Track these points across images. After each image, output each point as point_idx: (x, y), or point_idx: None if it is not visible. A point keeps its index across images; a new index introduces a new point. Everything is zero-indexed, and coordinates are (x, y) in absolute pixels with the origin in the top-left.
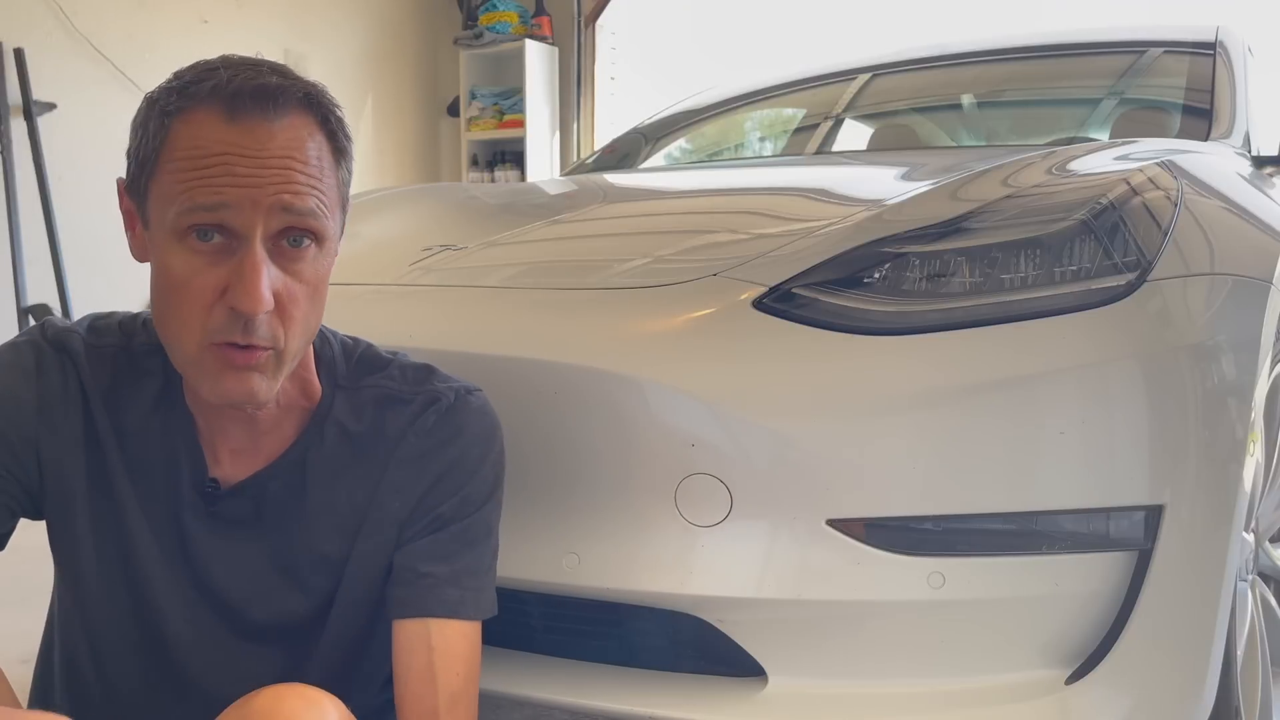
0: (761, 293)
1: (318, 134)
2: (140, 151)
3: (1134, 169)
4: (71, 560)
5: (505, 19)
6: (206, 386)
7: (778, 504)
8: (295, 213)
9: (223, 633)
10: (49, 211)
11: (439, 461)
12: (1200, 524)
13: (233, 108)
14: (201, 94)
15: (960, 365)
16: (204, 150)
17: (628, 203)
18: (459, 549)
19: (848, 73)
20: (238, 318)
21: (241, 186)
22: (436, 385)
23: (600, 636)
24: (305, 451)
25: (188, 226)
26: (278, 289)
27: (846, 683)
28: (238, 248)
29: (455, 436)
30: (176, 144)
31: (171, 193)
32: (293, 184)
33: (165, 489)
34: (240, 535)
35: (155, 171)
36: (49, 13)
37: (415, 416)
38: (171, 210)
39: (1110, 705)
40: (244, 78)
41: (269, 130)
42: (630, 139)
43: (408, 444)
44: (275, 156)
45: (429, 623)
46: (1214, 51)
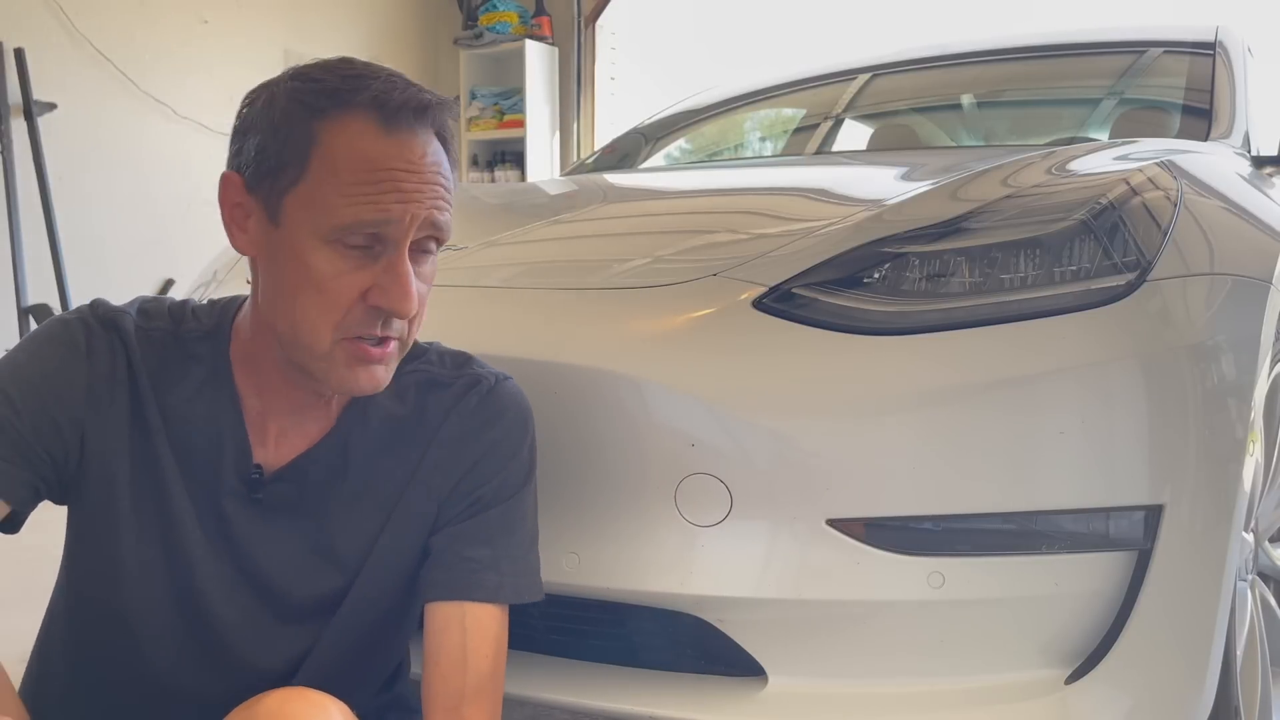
0: (761, 293)
1: (441, 147)
2: (279, 151)
3: (1134, 169)
4: (107, 542)
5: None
6: (336, 378)
7: (778, 504)
8: (438, 227)
9: (262, 613)
10: (49, 211)
11: (480, 443)
12: (1200, 524)
13: (393, 121)
14: (359, 102)
15: (960, 365)
16: (369, 164)
17: (628, 203)
18: (499, 533)
19: (848, 73)
20: (377, 315)
21: (405, 203)
22: (476, 370)
23: (600, 636)
24: (348, 434)
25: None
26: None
27: (846, 683)
28: (382, 252)
29: (496, 419)
30: (333, 150)
31: (331, 202)
32: (440, 199)
33: (208, 473)
34: (281, 519)
35: (303, 174)
36: (49, 13)
37: (457, 399)
38: (328, 220)
39: (1110, 705)
40: (403, 92)
41: (420, 145)
42: (630, 139)
43: (450, 424)
44: (428, 171)
45: (465, 606)
46: (1214, 51)
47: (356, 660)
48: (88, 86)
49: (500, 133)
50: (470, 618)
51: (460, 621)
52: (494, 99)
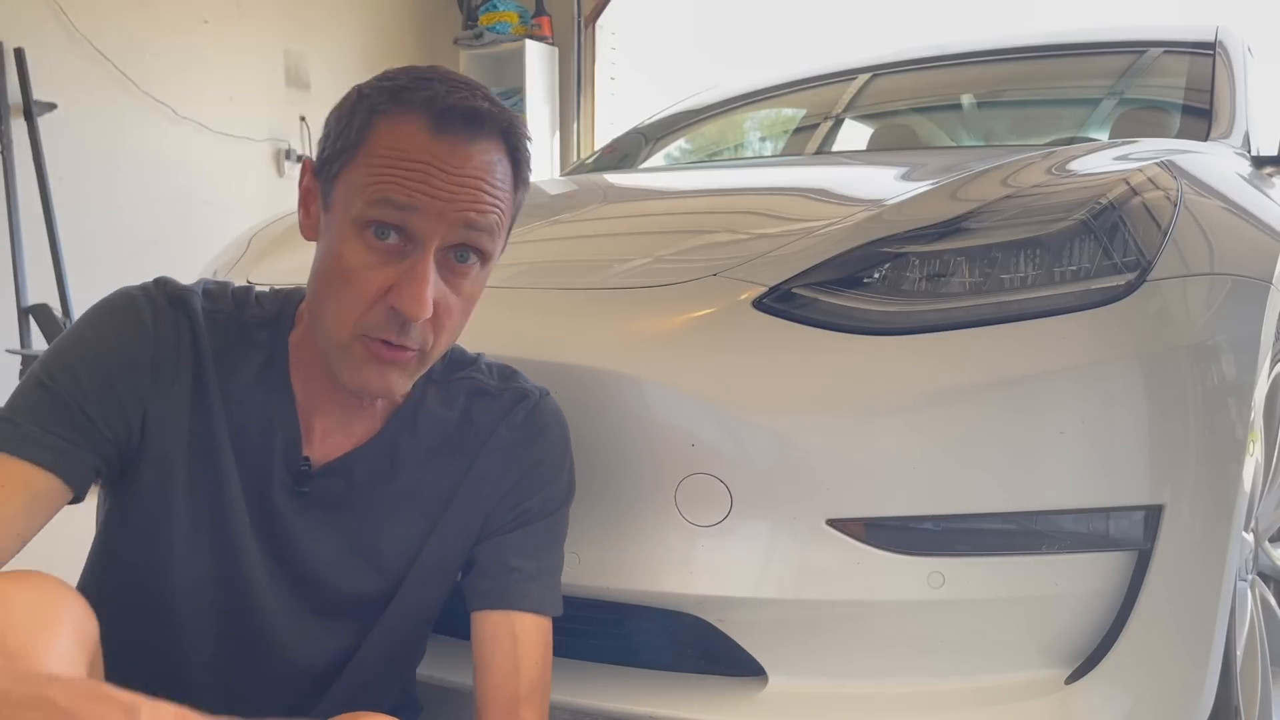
0: (761, 293)
1: (506, 161)
2: (340, 139)
3: (1134, 169)
4: (159, 522)
5: (505, 19)
6: (348, 373)
7: (778, 504)
8: (476, 229)
9: (302, 606)
10: (49, 211)
11: (527, 456)
12: (1200, 524)
13: (441, 122)
14: (414, 101)
15: (960, 365)
16: (406, 154)
17: (628, 203)
18: (542, 546)
19: (848, 73)
20: (396, 317)
21: (435, 197)
22: (523, 384)
23: (600, 636)
24: (396, 437)
25: (370, 220)
26: (438, 298)
27: (846, 683)
28: (410, 252)
29: (541, 433)
30: (379, 141)
31: (364, 183)
32: (480, 203)
33: (260, 462)
34: (326, 515)
35: (352, 162)
36: (49, 13)
37: (506, 411)
38: (360, 200)
39: (1110, 705)
40: (458, 96)
41: (468, 151)
42: (630, 139)
43: (499, 435)
44: (470, 176)
45: (513, 615)
46: (1214, 51)
47: (393, 663)
48: (88, 86)
49: None
50: (519, 626)
51: (510, 630)
52: None
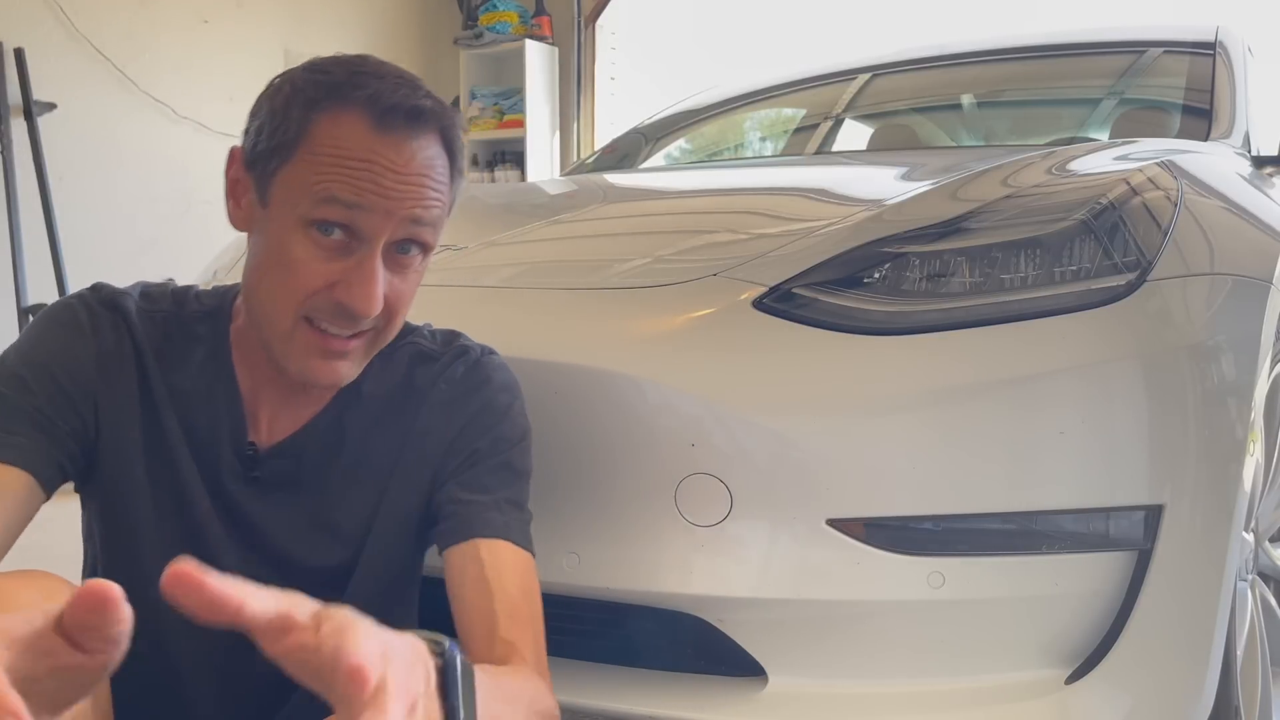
0: (761, 293)
1: (444, 155)
2: (274, 134)
3: (1134, 169)
4: (127, 519)
5: (505, 19)
6: (294, 364)
7: (778, 504)
8: (421, 224)
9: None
10: (49, 211)
11: (469, 405)
12: (1200, 524)
13: (384, 121)
14: (355, 99)
15: (960, 365)
16: (350, 152)
17: (628, 203)
18: (496, 482)
19: (848, 73)
20: (342, 311)
21: (383, 196)
22: (464, 343)
23: (600, 636)
24: (341, 411)
25: (317, 219)
26: (386, 292)
27: (846, 683)
28: (356, 249)
29: (483, 384)
30: (320, 139)
31: (308, 182)
32: (425, 199)
33: (211, 450)
34: (281, 495)
35: (290, 158)
36: (49, 13)
37: (445, 368)
38: (305, 199)
39: (1110, 705)
40: (401, 95)
41: (411, 148)
42: (630, 139)
43: (438, 391)
44: (414, 174)
45: (477, 543)
46: (1214, 51)
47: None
48: (88, 86)
49: (500, 133)
50: (485, 551)
51: (475, 556)
52: (494, 99)
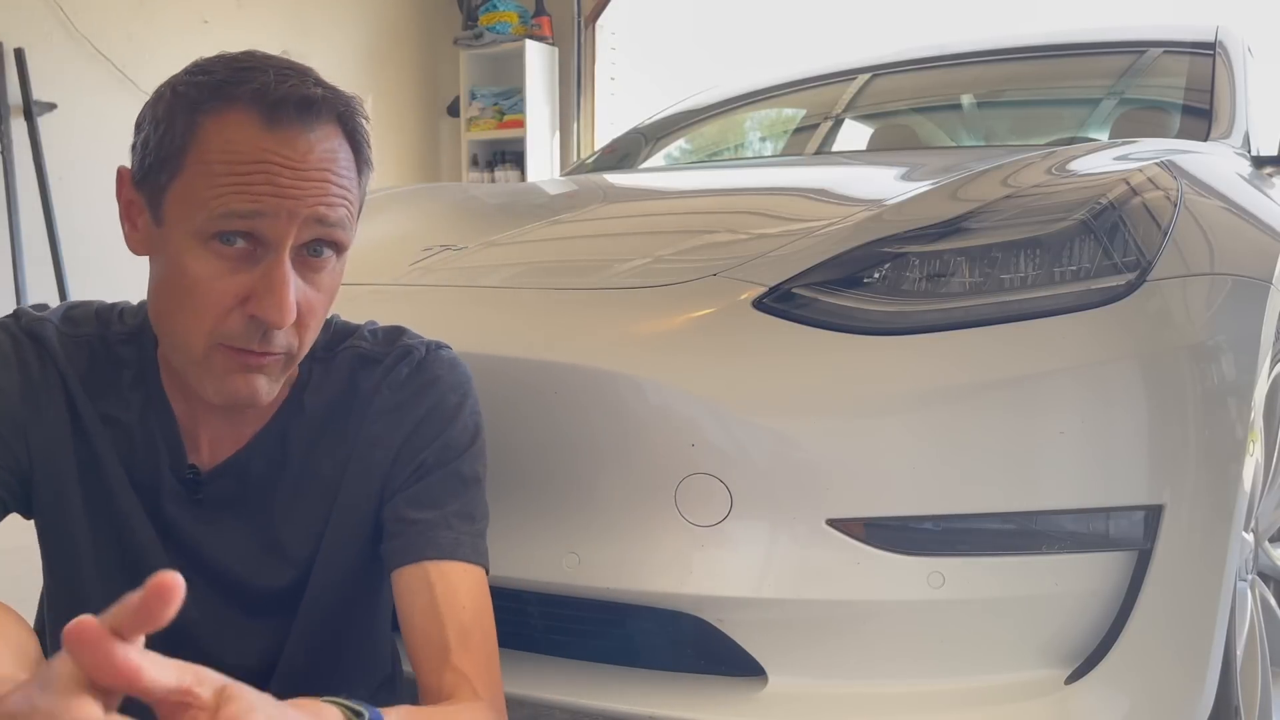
0: (761, 293)
1: (346, 146)
2: (160, 145)
3: (1134, 169)
4: (66, 548)
5: (505, 19)
6: (211, 387)
7: (778, 504)
8: (327, 224)
9: (224, 608)
10: (49, 211)
11: (415, 410)
12: (1200, 524)
13: (273, 116)
14: (240, 96)
15: (960, 365)
16: (242, 156)
17: (628, 203)
18: (446, 495)
19: (848, 73)
20: (257, 326)
21: (280, 197)
22: (407, 341)
23: (600, 636)
24: (285, 425)
25: (215, 232)
26: (300, 299)
27: (846, 683)
28: (263, 256)
29: (429, 386)
30: (209, 145)
31: (203, 195)
32: (328, 196)
33: (149, 475)
34: (226, 517)
35: (180, 170)
36: (49, 13)
37: (388, 371)
38: (201, 214)
39: (1110, 705)
40: (289, 86)
41: (308, 141)
42: (630, 139)
43: (382, 397)
44: (314, 169)
45: (426, 565)
46: (1214, 51)
47: (335, 655)
48: (88, 86)
49: (500, 133)
50: (435, 574)
51: (424, 579)
52: (494, 99)
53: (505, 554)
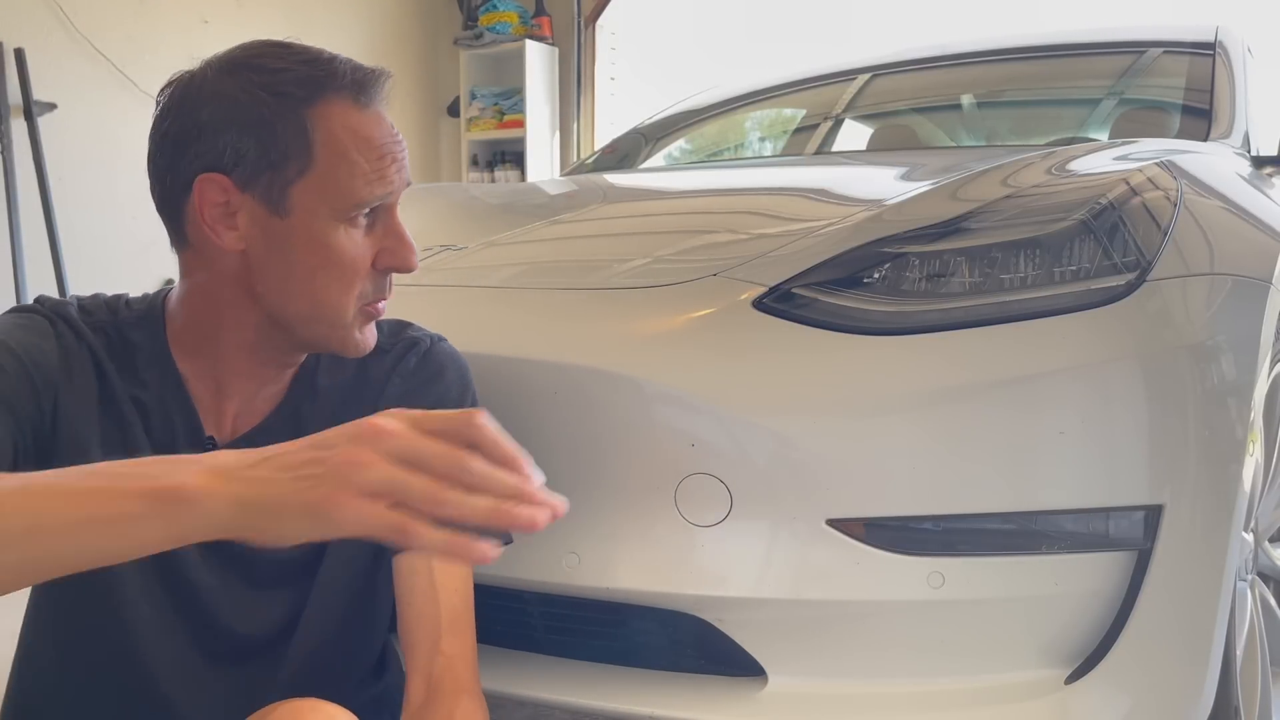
0: (761, 293)
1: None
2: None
3: (1134, 169)
4: None
5: (505, 19)
6: (351, 343)
7: (778, 504)
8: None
9: (237, 579)
10: (49, 211)
11: (424, 399)
12: (1200, 524)
13: (362, 95)
14: (338, 85)
15: (960, 365)
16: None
17: (628, 203)
18: None
19: (847, 73)
20: (385, 277)
21: (400, 170)
22: (413, 334)
23: (600, 636)
24: (298, 405)
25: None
26: None
27: (846, 683)
28: (376, 217)
29: (437, 376)
30: (330, 135)
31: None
32: (404, 154)
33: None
34: None
35: (310, 163)
36: (49, 13)
37: (397, 361)
38: (349, 200)
39: (1109, 705)
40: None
41: (382, 113)
42: (630, 139)
43: (393, 385)
44: (397, 137)
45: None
46: (1213, 52)
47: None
48: (88, 86)
49: (500, 133)
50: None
51: (426, 563)
52: (494, 99)
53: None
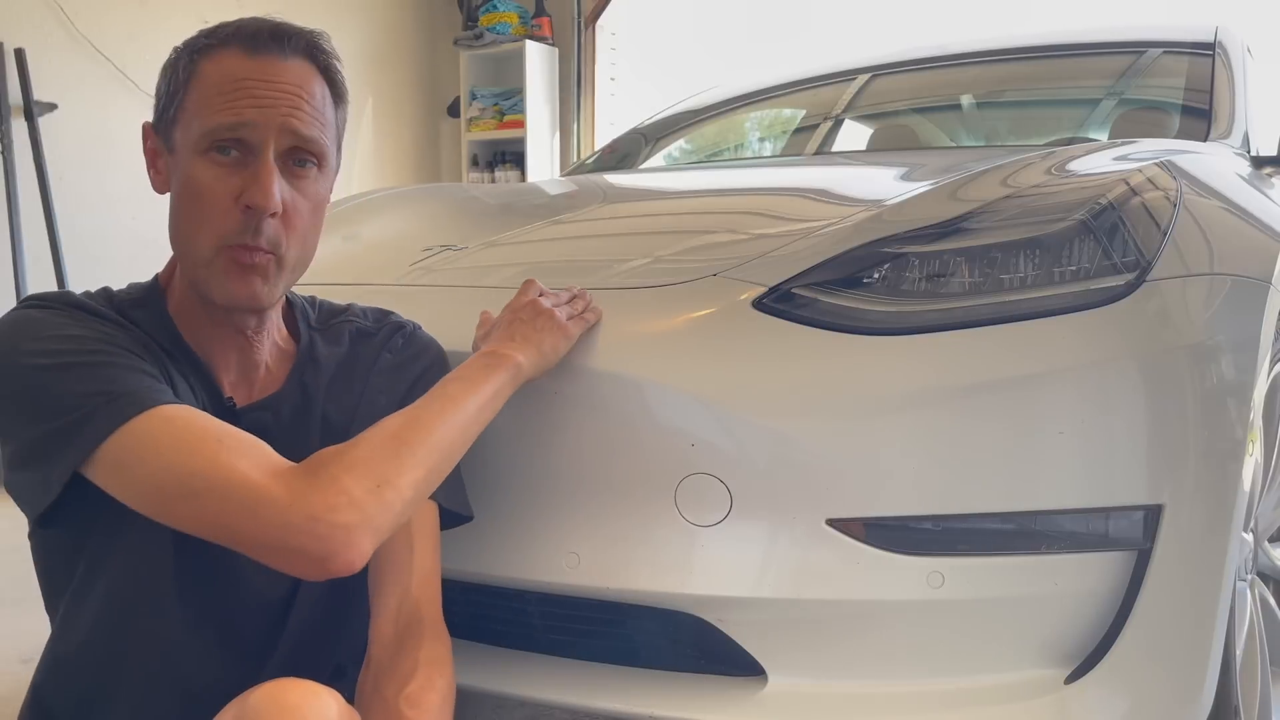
0: (761, 293)
1: (319, 78)
2: (169, 88)
3: (1133, 169)
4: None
5: (505, 20)
6: (216, 288)
7: (778, 504)
8: (300, 137)
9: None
10: (49, 211)
11: (415, 368)
12: (1199, 524)
13: (253, 45)
14: (226, 36)
15: (960, 365)
16: (229, 81)
17: (628, 203)
18: None
19: (848, 73)
20: (250, 219)
21: (258, 107)
22: (396, 319)
23: (600, 636)
24: (302, 376)
25: (211, 141)
26: (285, 198)
27: (846, 683)
28: (251, 161)
29: (422, 352)
30: (205, 76)
31: (199, 114)
32: (299, 111)
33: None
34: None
35: (184, 102)
36: (49, 13)
37: (386, 340)
38: (198, 130)
39: (1109, 705)
40: (259, 23)
41: (282, 65)
42: (630, 139)
43: (384, 359)
44: (287, 84)
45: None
46: (1213, 52)
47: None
48: (88, 86)
49: (500, 133)
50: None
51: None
52: (494, 99)
53: (505, 553)
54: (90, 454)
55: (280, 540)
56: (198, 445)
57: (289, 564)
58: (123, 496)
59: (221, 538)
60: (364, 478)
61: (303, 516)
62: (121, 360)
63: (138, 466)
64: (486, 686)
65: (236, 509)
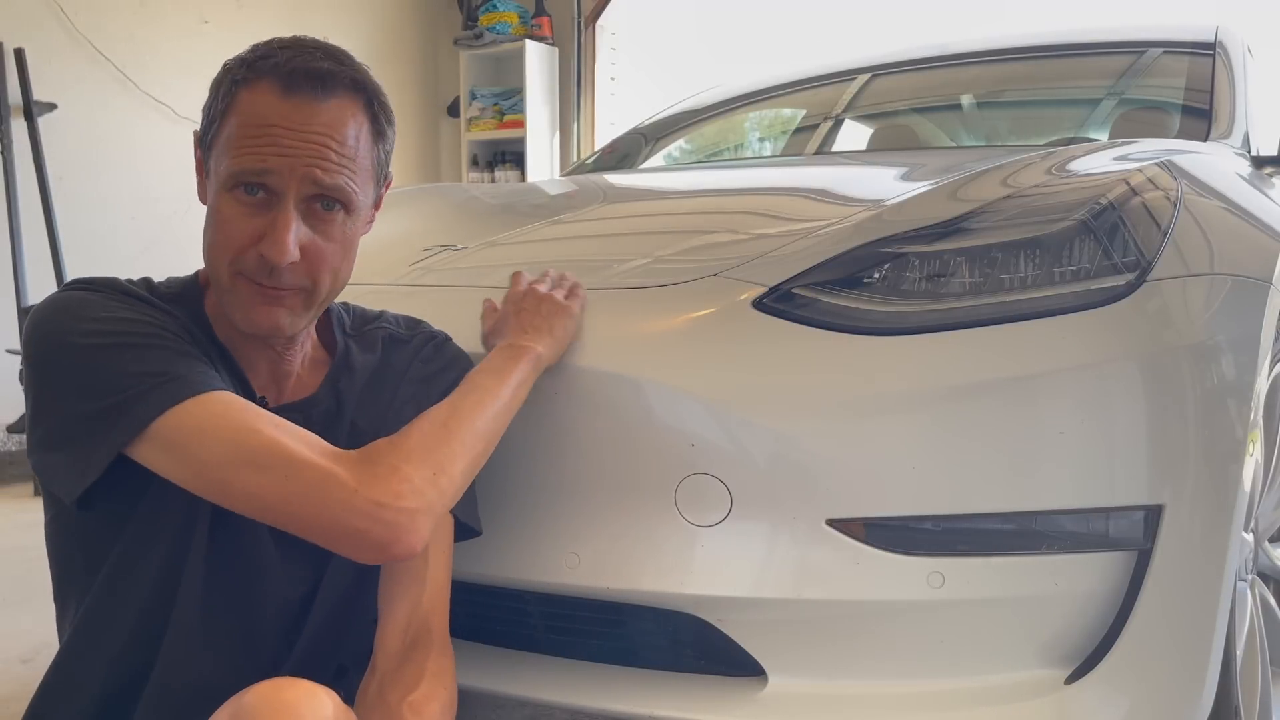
0: (761, 293)
1: (360, 115)
2: (211, 110)
3: (1133, 169)
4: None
5: (505, 19)
6: (238, 314)
7: (778, 504)
8: (324, 186)
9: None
10: (49, 212)
11: (442, 381)
12: (1200, 524)
13: (288, 85)
14: (264, 69)
15: (960, 365)
16: (260, 120)
17: (628, 203)
18: None
19: (848, 73)
20: (265, 263)
21: (282, 155)
22: (428, 329)
23: (600, 636)
24: (337, 382)
25: (236, 180)
26: (305, 243)
27: (846, 683)
28: (275, 204)
29: (452, 363)
30: (240, 110)
31: (229, 151)
32: (325, 160)
33: None
34: None
35: (219, 130)
36: (49, 13)
37: (417, 349)
38: (225, 166)
39: (1109, 705)
40: (301, 59)
41: (315, 109)
42: (630, 139)
43: (415, 369)
44: (316, 133)
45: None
46: (1213, 52)
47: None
48: (88, 86)
49: (500, 133)
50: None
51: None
52: (494, 99)
53: (505, 554)
54: (140, 433)
55: (344, 522)
56: (257, 425)
57: (350, 546)
58: (175, 473)
59: (278, 515)
60: (422, 466)
61: (368, 502)
62: (174, 345)
63: (194, 444)
64: (486, 686)
65: (303, 487)
